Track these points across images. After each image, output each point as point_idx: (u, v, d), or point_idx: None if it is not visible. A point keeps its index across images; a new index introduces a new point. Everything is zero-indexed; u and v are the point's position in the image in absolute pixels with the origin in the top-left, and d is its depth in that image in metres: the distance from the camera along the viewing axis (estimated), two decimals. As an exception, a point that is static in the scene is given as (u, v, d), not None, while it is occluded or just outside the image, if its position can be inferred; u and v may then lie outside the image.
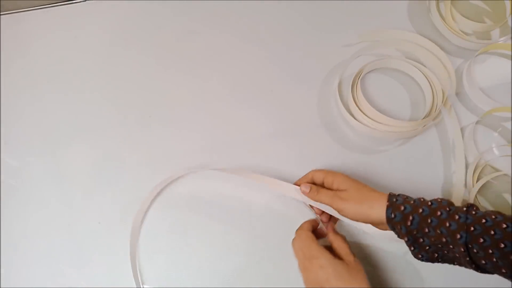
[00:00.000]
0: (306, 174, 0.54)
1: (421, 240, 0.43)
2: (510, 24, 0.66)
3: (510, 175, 0.57)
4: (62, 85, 0.65)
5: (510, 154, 0.59)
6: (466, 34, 0.66)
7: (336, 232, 0.51)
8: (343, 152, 0.60)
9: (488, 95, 0.61)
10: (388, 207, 0.44)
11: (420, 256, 0.44)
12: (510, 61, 0.65)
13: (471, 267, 0.42)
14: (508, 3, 0.67)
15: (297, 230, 0.51)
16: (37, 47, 0.67)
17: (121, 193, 0.58)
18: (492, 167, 0.58)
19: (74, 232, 0.57)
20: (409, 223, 0.43)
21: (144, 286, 0.54)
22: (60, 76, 0.65)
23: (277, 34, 0.67)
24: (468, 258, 0.40)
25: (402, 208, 0.44)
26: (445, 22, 0.65)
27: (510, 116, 0.61)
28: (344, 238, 0.49)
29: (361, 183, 0.49)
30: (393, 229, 0.45)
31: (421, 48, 0.64)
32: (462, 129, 0.61)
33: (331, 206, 0.49)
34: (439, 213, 0.42)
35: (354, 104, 0.60)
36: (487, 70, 0.64)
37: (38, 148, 0.61)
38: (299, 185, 0.52)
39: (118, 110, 0.63)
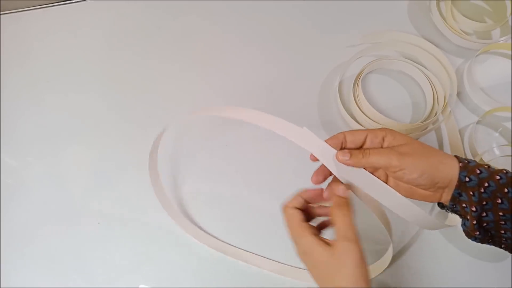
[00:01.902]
0: (334, 136, 0.41)
1: (485, 214, 0.37)
2: (510, 24, 0.66)
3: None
4: (62, 84, 0.65)
5: (510, 154, 0.58)
6: (467, 33, 0.66)
7: (344, 207, 0.39)
8: (343, 152, 0.60)
9: (488, 95, 0.61)
10: (462, 169, 0.37)
11: (477, 234, 0.39)
12: (511, 61, 0.65)
13: None
14: (508, 3, 0.67)
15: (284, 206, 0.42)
16: (37, 46, 0.67)
17: (121, 192, 0.58)
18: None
19: (74, 232, 0.57)
20: (482, 190, 0.37)
21: (144, 286, 0.54)
22: (59, 76, 0.65)
23: (277, 34, 0.67)
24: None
25: (478, 171, 0.37)
26: (445, 21, 0.64)
27: (510, 116, 0.61)
28: (345, 210, 0.39)
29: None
30: (458, 195, 0.38)
31: (422, 50, 0.63)
32: (462, 130, 0.60)
33: (388, 165, 0.38)
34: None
35: (355, 105, 0.59)
36: (487, 70, 0.64)
37: (37, 148, 0.61)
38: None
39: (118, 110, 0.63)
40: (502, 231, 0.38)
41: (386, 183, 0.40)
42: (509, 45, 0.63)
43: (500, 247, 0.41)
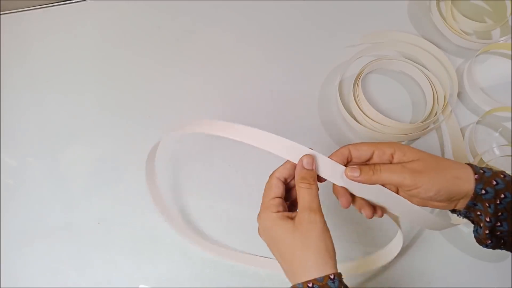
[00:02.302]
0: (338, 152, 0.39)
1: (499, 224, 0.36)
2: (510, 24, 0.66)
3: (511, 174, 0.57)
4: (62, 84, 0.65)
5: (510, 154, 0.58)
6: (467, 33, 0.66)
7: (308, 184, 0.37)
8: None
9: (488, 95, 0.61)
10: (477, 181, 0.36)
11: (489, 242, 0.38)
12: (511, 60, 0.65)
13: None
14: (508, 3, 0.67)
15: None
16: (37, 46, 0.67)
17: (121, 193, 0.58)
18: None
19: (74, 232, 0.57)
20: (498, 202, 0.36)
21: (144, 286, 0.54)
22: (59, 76, 0.65)
23: (277, 34, 0.67)
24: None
25: (494, 183, 0.36)
26: (445, 21, 0.64)
27: (510, 116, 0.61)
28: (309, 182, 0.37)
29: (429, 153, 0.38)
30: (473, 205, 0.37)
31: (422, 50, 0.63)
32: (462, 129, 0.60)
33: (401, 184, 0.37)
34: None
35: (355, 105, 0.59)
36: (487, 70, 0.64)
37: (37, 148, 0.61)
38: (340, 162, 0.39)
39: (118, 110, 0.63)
40: None
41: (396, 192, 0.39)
42: (509, 45, 0.63)
43: (510, 251, 0.40)
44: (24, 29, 0.68)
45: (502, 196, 0.36)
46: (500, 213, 0.36)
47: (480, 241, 0.39)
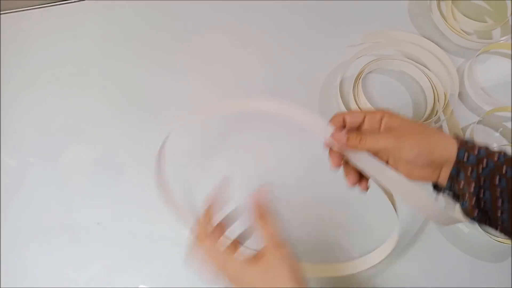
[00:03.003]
0: (333, 118, 0.41)
1: (482, 193, 0.37)
2: (511, 24, 0.66)
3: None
4: (62, 84, 0.65)
5: (510, 153, 0.58)
6: (467, 33, 0.66)
7: (263, 218, 0.39)
8: (344, 152, 0.60)
9: (489, 95, 0.61)
10: (460, 147, 0.37)
11: (475, 214, 0.38)
12: (511, 60, 0.65)
13: None
14: (509, 3, 0.66)
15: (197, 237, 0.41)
16: (36, 46, 0.67)
17: (121, 193, 0.58)
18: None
19: (74, 232, 0.57)
20: (480, 170, 0.37)
21: (144, 286, 0.54)
22: (59, 76, 0.65)
23: (277, 34, 0.67)
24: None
25: (476, 150, 0.37)
26: (446, 21, 0.64)
27: (510, 116, 0.60)
28: (267, 219, 0.38)
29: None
30: (456, 174, 0.38)
31: (423, 49, 0.63)
32: (463, 129, 0.60)
33: (385, 147, 0.38)
34: None
35: (355, 104, 0.59)
36: (488, 70, 0.64)
37: (37, 148, 0.61)
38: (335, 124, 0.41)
39: (118, 110, 0.63)
40: (499, 213, 0.38)
41: (387, 163, 0.40)
42: (510, 45, 0.63)
43: (496, 229, 0.39)
44: (24, 29, 0.68)
45: (484, 162, 0.37)
46: (482, 180, 0.37)
47: (467, 213, 0.39)
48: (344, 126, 0.41)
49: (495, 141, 0.60)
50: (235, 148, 0.60)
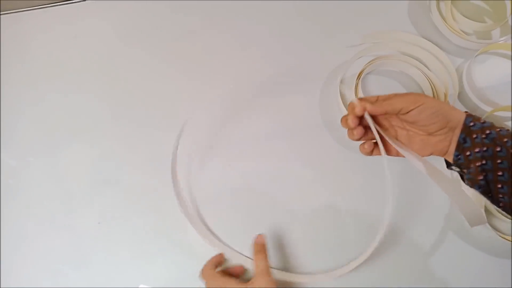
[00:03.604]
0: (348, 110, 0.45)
1: (484, 162, 0.41)
2: (510, 24, 0.66)
3: None
4: (62, 84, 0.65)
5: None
6: (467, 33, 0.66)
7: (260, 250, 0.51)
8: (344, 152, 0.60)
9: (488, 95, 0.61)
10: (468, 115, 0.42)
11: (480, 179, 0.41)
12: (510, 61, 0.65)
13: None
14: (508, 3, 0.67)
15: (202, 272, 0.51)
16: (37, 47, 0.67)
17: (121, 193, 0.58)
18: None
19: (74, 232, 0.57)
20: (484, 136, 0.41)
21: (144, 286, 0.54)
22: (59, 76, 0.65)
23: (277, 34, 0.67)
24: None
25: (482, 121, 0.42)
26: (445, 21, 0.65)
27: (510, 115, 0.61)
28: (263, 254, 0.50)
29: None
30: (463, 141, 0.42)
31: (423, 50, 0.63)
32: None
33: (407, 103, 0.42)
34: None
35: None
36: (487, 70, 0.64)
37: (37, 148, 0.61)
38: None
39: (118, 109, 0.63)
40: (499, 185, 0.40)
41: (397, 138, 0.45)
42: (509, 45, 0.63)
43: (499, 206, 0.42)
44: (24, 29, 0.68)
45: (488, 131, 0.41)
46: (485, 148, 0.40)
47: (473, 180, 0.42)
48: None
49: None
50: (235, 147, 0.60)
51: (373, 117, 0.44)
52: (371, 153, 0.47)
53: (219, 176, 0.59)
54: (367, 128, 0.45)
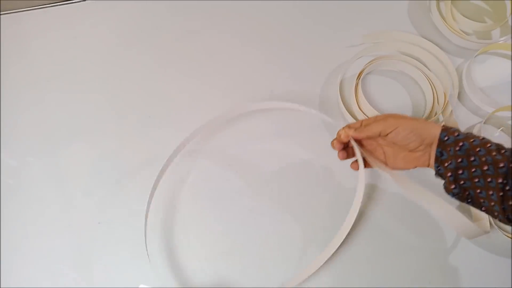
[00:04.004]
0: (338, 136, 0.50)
1: (461, 171, 0.44)
2: (510, 24, 0.66)
3: None
4: (62, 84, 0.65)
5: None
6: (467, 33, 0.66)
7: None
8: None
9: (488, 95, 0.61)
10: (443, 130, 0.45)
11: (452, 188, 0.44)
12: (510, 61, 0.65)
13: (499, 210, 0.42)
14: (508, 3, 0.67)
15: None
16: (37, 47, 0.67)
17: (121, 192, 0.58)
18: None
19: (74, 232, 0.57)
20: (458, 148, 0.44)
21: (144, 286, 0.54)
22: (59, 76, 0.65)
23: (278, 34, 0.67)
24: (501, 194, 0.41)
25: (456, 133, 0.45)
26: (445, 21, 0.65)
27: (511, 115, 0.61)
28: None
29: None
30: (440, 155, 0.45)
31: (423, 49, 0.63)
32: (468, 129, 0.60)
33: (385, 127, 0.46)
34: (488, 145, 0.43)
35: (356, 105, 0.59)
36: (487, 70, 0.64)
37: (37, 148, 0.61)
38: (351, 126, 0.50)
39: (118, 110, 0.63)
40: (478, 190, 0.43)
41: (385, 157, 0.50)
42: (509, 45, 0.64)
43: (481, 210, 0.44)
44: (24, 29, 0.68)
45: (461, 144, 0.44)
46: (460, 159, 0.44)
47: (447, 189, 0.45)
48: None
49: (495, 140, 0.60)
50: (235, 147, 0.61)
51: (362, 139, 0.50)
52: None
53: (219, 176, 0.59)
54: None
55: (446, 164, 0.45)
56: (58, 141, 0.61)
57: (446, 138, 0.45)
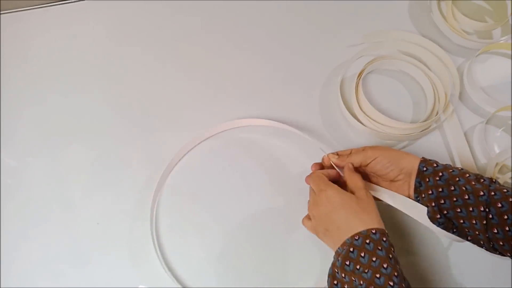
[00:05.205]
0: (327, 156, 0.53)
1: (443, 201, 0.45)
2: (511, 24, 0.66)
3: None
4: (61, 84, 0.65)
5: None
6: (468, 33, 0.66)
7: (352, 171, 0.50)
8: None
9: (489, 95, 0.61)
10: (422, 161, 0.47)
11: (438, 217, 0.45)
12: (511, 60, 0.65)
13: (483, 239, 0.43)
14: (509, 3, 0.66)
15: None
16: (37, 46, 0.67)
17: (120, 193, 0.58)
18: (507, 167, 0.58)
19: (73, 233, 0.57)
20: (437, 178, 0.45)
21: (144, 286, 0.54)
22: (59, 76, 0.65)
23: (278, 34, 0.67)
24: (484, 222, 0.42)
25: (435, 165, 0.47)
26: (446, 21, 0.64)
27: (511, 115, 0.61)
28: (359, 176, 0.49)
29: None
30: (419, 185, 0.47)
31: (423, 49, 0.63)
32: (469, 129, 0.60)
33: (365, 158, 0.49)
34: (467, 175, 0.45)
35: (356, 104, 0.59)
36: (488, 70, 0.64)
37: (37, 148, 0.61)
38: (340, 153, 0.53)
39: (117, 109, 0.63)
40: (461, 221, 0.44)
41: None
42: (510, 45, 0.63)
43: (467, 240, 0.45)
44: (24, 29, 0.68)
45: (440, 174, 0.45)
46: (440, 189, 0.45)
47: (432, 218, 0.45)
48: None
49: (497, 141, 0.60)
50: (235, 147, 0.60)
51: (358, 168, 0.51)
52: None
53: (219, 176, 0.59)
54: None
55: (425, 195, 0.46)
56: (58, 141, 0.61)
57: (425, 169, 0.46)
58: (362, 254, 0.41)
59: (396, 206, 0.49)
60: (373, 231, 0.43)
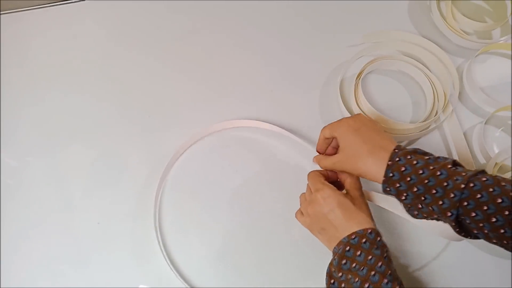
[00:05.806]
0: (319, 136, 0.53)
1: (416, 189, 0.43)
2: (511, 24, 0.66)
3: None
4: (61, 84, 0.65)
5: None
6: (467, 33, 0.66)
7: (348, 173, 0.50)
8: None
9: (488, 95, 0.61)
10: (384, 182, 0.44)
11: (416, 213, 0.44)
12: (511, 61, 0.65)
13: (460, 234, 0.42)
14: (508, 3, 0.67)
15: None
16: (37, 46, 0.67)
17: (121, 193, 0.58)
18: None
19: (74, 232, 0.57)
20: (408, 179, 0.43)
21: (144, 286, 0.54)
22: (59, 76, 0.65)
23: (278, 34, 0.67)
24: (458, 229, 0.41)
25: (403, 169, 0.43)
26: (446, 21, 0.64)
27: (511, 115, 0.61)
28: (356, 178, 0.50)
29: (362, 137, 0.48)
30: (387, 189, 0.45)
31: (423, 49, 0.63)
32: (469, 129, 0.60)
33: (338, 166, 0.49)
34: (438, 173, 0.41)
35: (356, 104, 0.59)
36: (487, 70, 0.64)
37: (37, 148, 0.61)
38: (319, 151, 0.54)
39: (117, 109, 0.63)
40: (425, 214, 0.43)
41: None
42: (509, 45, 0.63)
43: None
44: (24, 29, 0.68)
45: (408, 179, 0.43)
46: (415, 189, 0.42)
47: (413, 215, 0.45)
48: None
49: (496, 140, 0.60)
50: (235, 147, 0.60)
51: None
52: None
53: (219, 175, 0.59)
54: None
55: (402, 198, 0.44)
56: (58, 141, 0.61)
57: (391, 175, 0.44)
58: (358, 253, 0.43)
59: (388, 208, 0.50)
60: (369, 231, 0.44)
